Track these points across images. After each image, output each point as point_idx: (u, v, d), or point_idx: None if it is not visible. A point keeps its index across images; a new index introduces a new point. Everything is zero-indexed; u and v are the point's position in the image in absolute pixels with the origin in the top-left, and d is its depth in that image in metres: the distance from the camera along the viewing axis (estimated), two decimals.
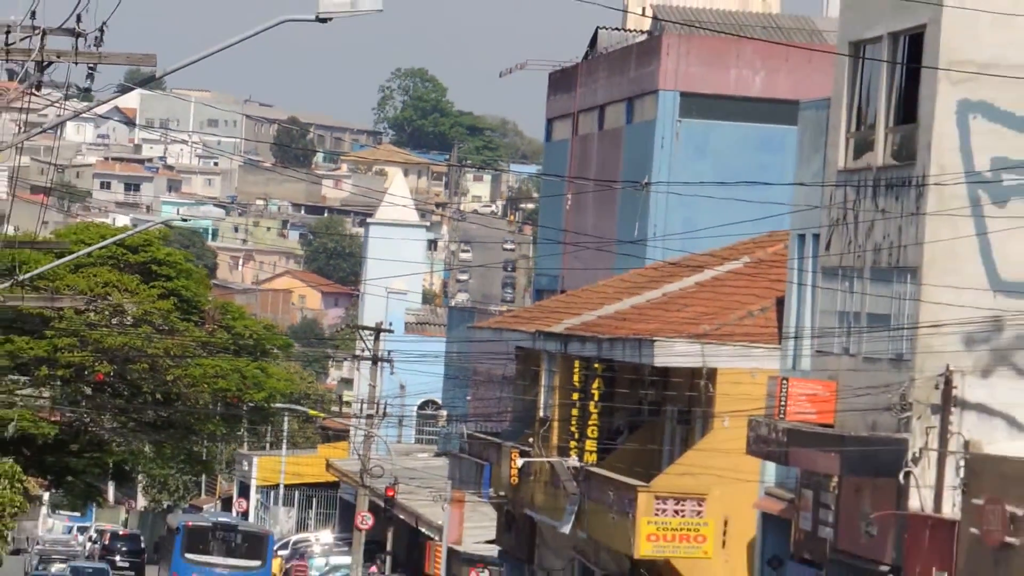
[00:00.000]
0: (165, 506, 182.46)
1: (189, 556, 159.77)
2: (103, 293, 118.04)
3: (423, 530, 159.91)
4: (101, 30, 50.78)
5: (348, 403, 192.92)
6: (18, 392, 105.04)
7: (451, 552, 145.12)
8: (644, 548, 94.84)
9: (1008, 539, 67.59)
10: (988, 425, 75.34)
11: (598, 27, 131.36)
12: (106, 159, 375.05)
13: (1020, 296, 74.26)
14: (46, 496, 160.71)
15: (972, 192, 74.69)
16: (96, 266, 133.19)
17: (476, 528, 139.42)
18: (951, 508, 73.80)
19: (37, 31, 51.62)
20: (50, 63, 55.60)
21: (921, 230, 74.67)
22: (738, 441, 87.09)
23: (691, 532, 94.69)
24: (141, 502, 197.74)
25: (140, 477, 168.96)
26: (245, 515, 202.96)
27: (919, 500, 74.36)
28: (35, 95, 65.28)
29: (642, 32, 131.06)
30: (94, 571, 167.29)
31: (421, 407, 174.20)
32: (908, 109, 76.69)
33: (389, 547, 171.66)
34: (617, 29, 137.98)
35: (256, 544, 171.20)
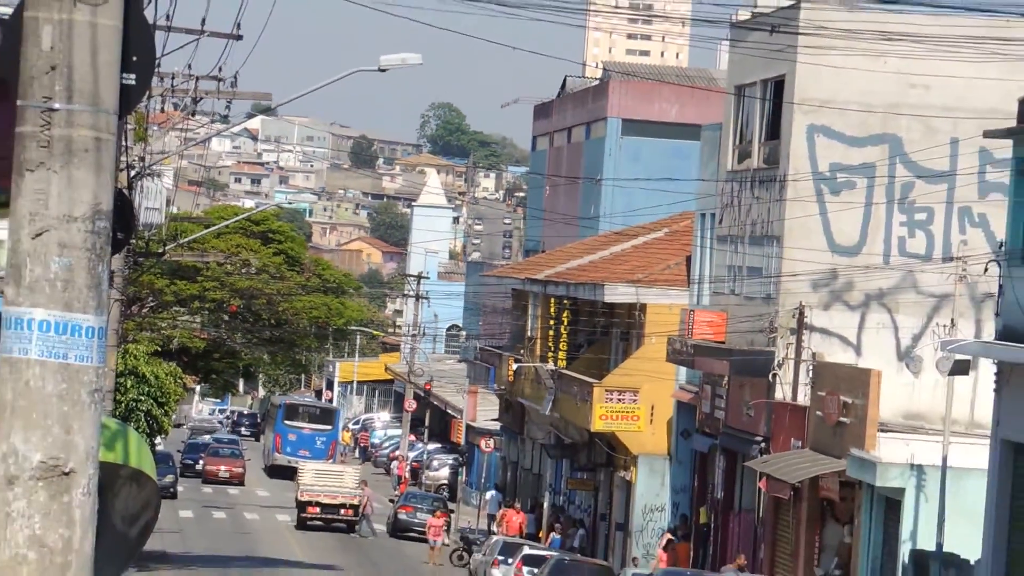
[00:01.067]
0: (276, 395, 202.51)
1: (286, 422, 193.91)
2: (236, 252, 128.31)
3: (450, 411, 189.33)
4: (235, 76, 70.21)
5: (399, 326, 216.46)
6: (179, 318, 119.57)
7: (468, 427, 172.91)
8: (597, 424, 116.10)
9: (841, 419, 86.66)
10: (828, 342, 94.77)
11: (566, 75, 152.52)
12: (238, 162, 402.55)
13: (848, 256, 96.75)
14: (197, 388, 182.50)
15: (816, 186, 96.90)
16: (231, 234, 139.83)
17: (485, 410, 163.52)
18: (803, 398, 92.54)
19: (192, 76, 69.81)
20: (201, 99, 72.07)
21: (782, 211, 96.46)
22: (660, 353, 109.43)
23: (629, 414, 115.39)
24: (261, 392, 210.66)
25: (260, 376, 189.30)
26: (330, 401, 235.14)
27: (782, 392, 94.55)
28: (191, 120, 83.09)
29: (595, 79, 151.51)
30: (228, 440, 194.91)
31: (448, 329, 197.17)
32: (773, 130, 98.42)
33: (427, 423, 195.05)
34: (579, 77, 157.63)
35: (328, 415, 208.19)
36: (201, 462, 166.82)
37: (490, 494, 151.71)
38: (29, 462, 12.96)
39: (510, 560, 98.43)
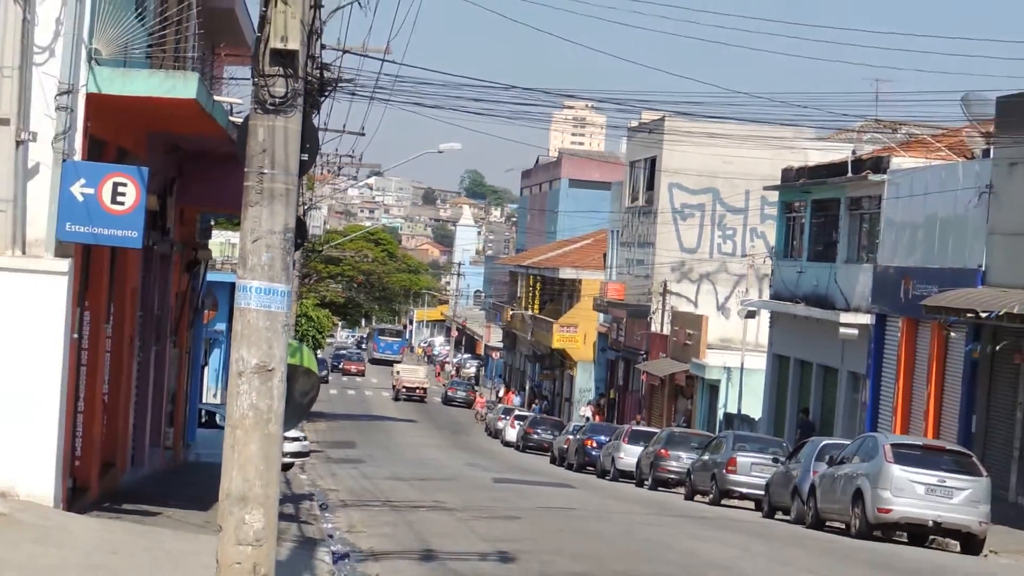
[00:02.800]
0: (375, 325, 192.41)
1: (379, 337, 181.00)
2: (360, 250, 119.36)
3: (476, 336, 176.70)
4: (360, 155, 64.68)
5: (448, 291, 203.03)
6: (330, 287, 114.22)
7: (486, 345, 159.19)
8: (556, 344, 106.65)
9: (686, 342, 79.06)
10: (679, 301, 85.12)
11: (539, 155, 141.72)
12: (362, 200, 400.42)
13: (690, 253, 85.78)
14: (340, 324, 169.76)
15: (673, 216, 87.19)
16: (358, 240, 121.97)
17: (496, 337, 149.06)
18: (666, 330, 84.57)
19: (338, 154, 62.61)
20: (342, 167, 70.45)
21: (654, 229, 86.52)
22: (589, 305, 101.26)
23: (572, 338, 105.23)
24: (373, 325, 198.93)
25: (373, 317, 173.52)
26: (410, 334, 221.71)
27: (656, 327, 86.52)
28: (337, 178, 79.61)
29: (554, 157, 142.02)
30: (355, 351, 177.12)
31: (475, 293, 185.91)
32: (650, 185, 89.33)
33: (463, 343, 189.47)
34: (545, 155, 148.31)
35: (399, 333, 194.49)
36: (341, 363, 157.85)
37: (496, 381, 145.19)
38: (249, 364, 13.55)
39: (507, 417, 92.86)
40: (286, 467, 38.82)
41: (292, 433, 41.28)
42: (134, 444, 26.97)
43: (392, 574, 19.22)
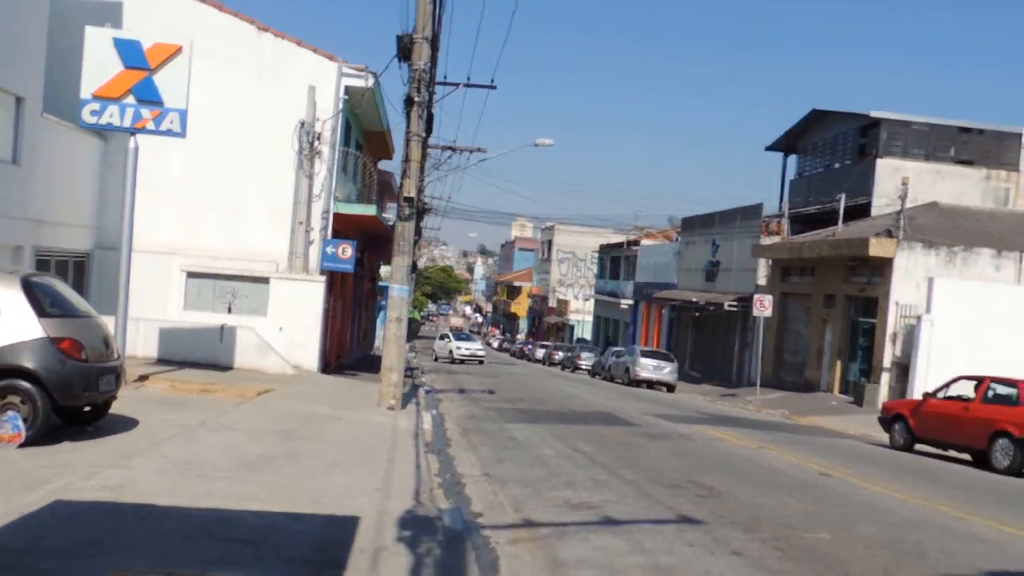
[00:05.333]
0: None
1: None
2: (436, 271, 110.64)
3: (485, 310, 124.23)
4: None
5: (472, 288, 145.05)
6: (423, 288, 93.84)
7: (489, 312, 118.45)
8: (512, 309, 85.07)
9: (562, 309, 67.57)
10: (562, 292, 72.11)
11: (505, 240, 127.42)
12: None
13: (563, 276, 74.41)
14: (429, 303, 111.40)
15: (558, 262, 76.17)
16: (435, 269, 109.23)
17: (490, 308, 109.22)
18: (554, 304, 69.66)
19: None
20: (453, 151, 66.22)
21: (550, 267, 71.78)
22: (526, 294, 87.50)
23: (520, 303, 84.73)
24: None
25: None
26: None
27: (552, 303, 72.71)
28: (444, 163, 68.89)
29: (513, 239, 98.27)
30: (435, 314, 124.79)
31: (481, 292, 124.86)
32: (549, 250, 73.93)
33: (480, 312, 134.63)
34: (509, 238, 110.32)
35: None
36: (429, 317, 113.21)
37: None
38: (392, 316, 12.95)
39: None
40: (476, 359, 38.13)
41: (480, 347, 39.91)
42: (350, 348, 26.54)
43: (446, 394, 18.68)
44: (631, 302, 48.46)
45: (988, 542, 7.15)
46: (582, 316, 66.41)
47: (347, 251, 18.43)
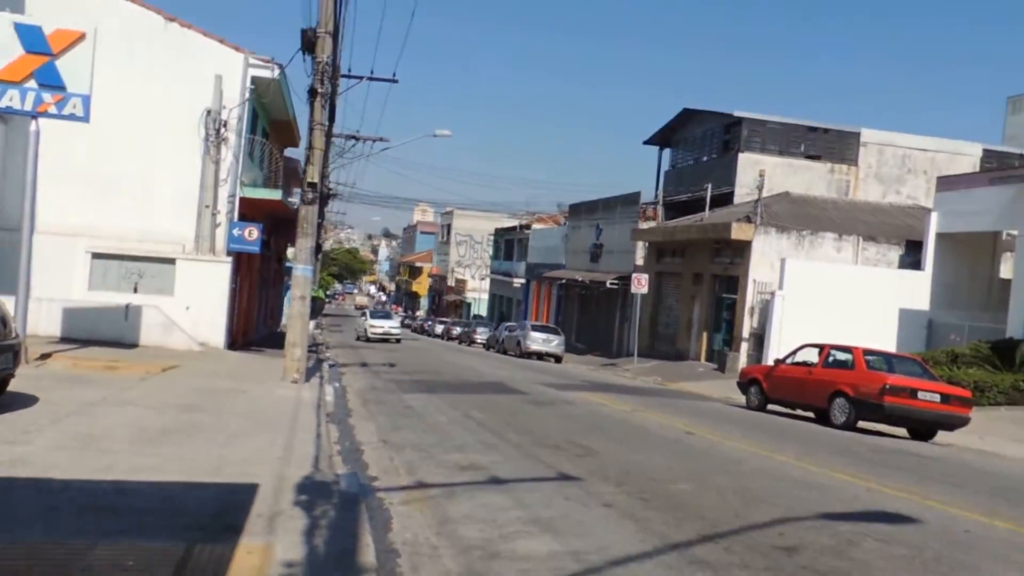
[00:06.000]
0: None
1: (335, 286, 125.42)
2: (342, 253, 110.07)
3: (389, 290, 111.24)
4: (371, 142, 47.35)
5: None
6: (330, 268, 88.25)
7: (392, 291, 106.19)
8: (414, 288, 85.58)
9: (460, 288, 66.71)
10: (460, 272, 71.62)
11: (408, 224, 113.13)
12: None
13: (461, 258, 72.78)
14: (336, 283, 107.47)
15: (457, 244, 71.38)
16: (341, 251, 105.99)
17: (393, 287, 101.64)
18: (453, 283, 69.61)
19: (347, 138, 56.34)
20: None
21: (449, 249, 70.87)
22: (427, 274, 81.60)
23: (421, 282, 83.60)
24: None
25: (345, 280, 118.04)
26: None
27: (451, 282, 71.27)
28: (347, 153, 68.11)
29: (416, 222, 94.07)
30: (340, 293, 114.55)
31: (385, 272, 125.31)
32: (448, 232, 72.37)
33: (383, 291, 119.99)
34: (411, 221, 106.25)
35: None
36: (335, 296, 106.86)
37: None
38: (296, 295, 12.45)
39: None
40: (390, 338, 33.98)
41: (396, 324, 35.61)
42: (256, 326, 25.89)
43: (349, 368, 18.34)
44: (523, 281, 48.64)
45: (824, 488, 7.48)
46: (479, 294, 66.25)
47: (253, 233, 17.83)
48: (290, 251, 34.86)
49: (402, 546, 5.02)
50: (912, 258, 24.15)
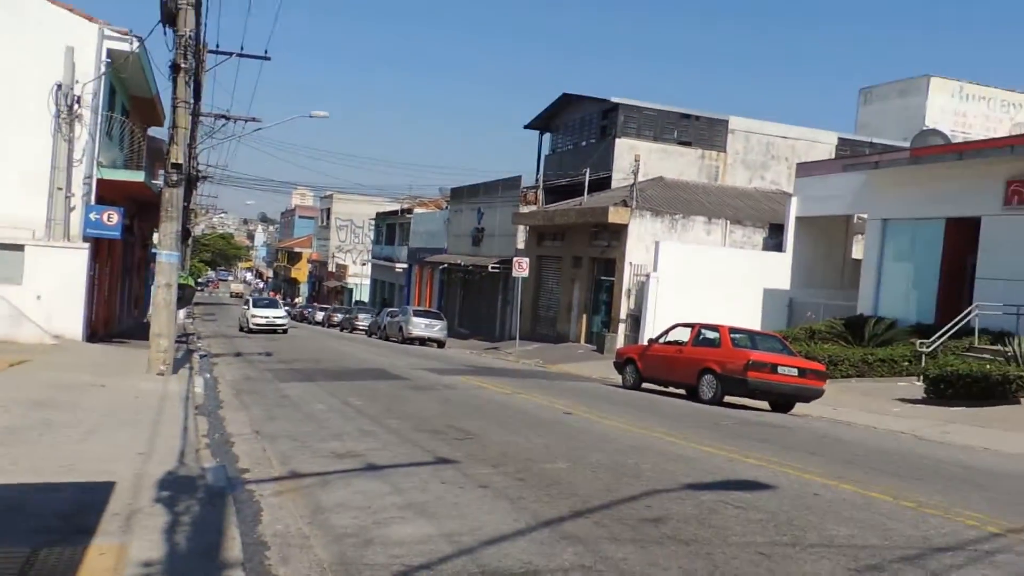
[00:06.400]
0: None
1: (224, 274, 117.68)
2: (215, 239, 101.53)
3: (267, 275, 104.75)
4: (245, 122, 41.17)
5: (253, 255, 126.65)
6: (201, 254, 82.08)
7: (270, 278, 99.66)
8: (294, 274, 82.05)
9: (341, 274, 65.37)
10: (340, 257, 69.20)
11: (285, 208, 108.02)
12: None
13: (342, 243, 69.94)
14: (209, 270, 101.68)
15: (337, 228, 70.02)
16: (214, 236, 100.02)
17: (270, 273, 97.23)
18: (334, 268, 69.21)
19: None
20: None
21: (330, 234, 69.98)
22: (306, 259, 78.97)
23: (300, 268, 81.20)
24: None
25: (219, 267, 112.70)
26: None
27: (332, 268, 69.85)
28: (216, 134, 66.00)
29: (295, 206, 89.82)
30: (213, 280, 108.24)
31: (263, 257, 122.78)
32: (328, 216, 71.23)
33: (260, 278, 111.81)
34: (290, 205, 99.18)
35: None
36: (209, 283, 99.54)
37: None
38: (161, 282, 11.86)
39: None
40: (276, 328, 31.35)
41: (281, 313, 32.47)
42: (120, 316, 24.54)
43: (222, 358, 17.80)
44: (405, 266, 48.28)
45: (690, 460, 7.81)
46: (360, 280, 65.20)
47: (113, 217, 16.82)
48: (156, 236, 32.97)
49: (272, 538, 4.90)
50: (775, 240, 25.21)
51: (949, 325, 17.02)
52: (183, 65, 12.82)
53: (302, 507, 5.61)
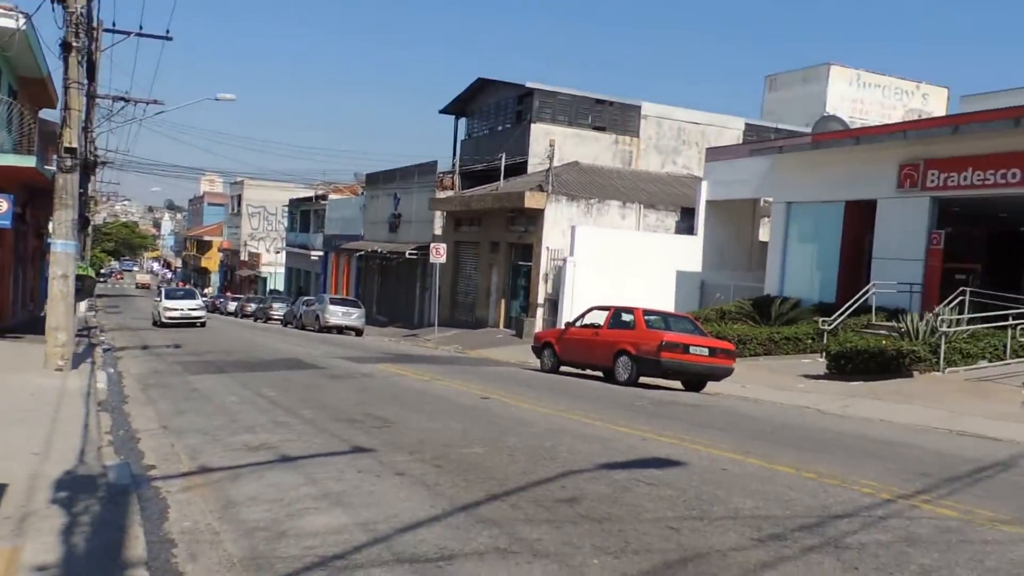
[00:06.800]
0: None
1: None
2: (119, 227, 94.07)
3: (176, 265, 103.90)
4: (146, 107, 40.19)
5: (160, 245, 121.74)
6: (103, 244, 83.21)
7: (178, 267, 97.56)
8: (203, 263, 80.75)
9: (254, 262, 64.70)
10: (253, 246, 68.19)
11: (206, 191, 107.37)
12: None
13: (254, 230, 67.79)
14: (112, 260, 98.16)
15: (248, 215, 68.06)
16: (117, 225, 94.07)
17: (179, 263, 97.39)
18: (246, 257, 67.87)
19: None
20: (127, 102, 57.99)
21: (240, 221, 67.86)
22: (217, 248, 78.45)
23: (211, 257, 78.84)
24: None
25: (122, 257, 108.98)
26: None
27: (244, 256, 67.80)
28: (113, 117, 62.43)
29: (203, 193, 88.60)
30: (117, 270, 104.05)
31: (170, 247, 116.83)
32: (239, 203, 70.00)
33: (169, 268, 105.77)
34: (199, 192, 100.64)
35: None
36: (112, 274, 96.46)
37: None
38: (57, 273, 11.23)
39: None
40: (193, 321, 29.26)
41: (197, 304, 30.03)
42: (13, 309, 23.25)
43: (128, 351, 17.20)
44: (321, 253, 47.54)
45: (605, 440, 7.95)
46: (274, 268, 63.76)
47: (2, 205, 15.77)
48: (51, 225, 31.37)
49: (179, 535, 4.78)
50: (687, 224, 25.65)
51: (848, 303, 17.54)
52: (75, 44, 12.23)
53: (212, 502, 5.49)
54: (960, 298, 15.82)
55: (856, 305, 17.49)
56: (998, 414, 11.39)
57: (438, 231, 32.13)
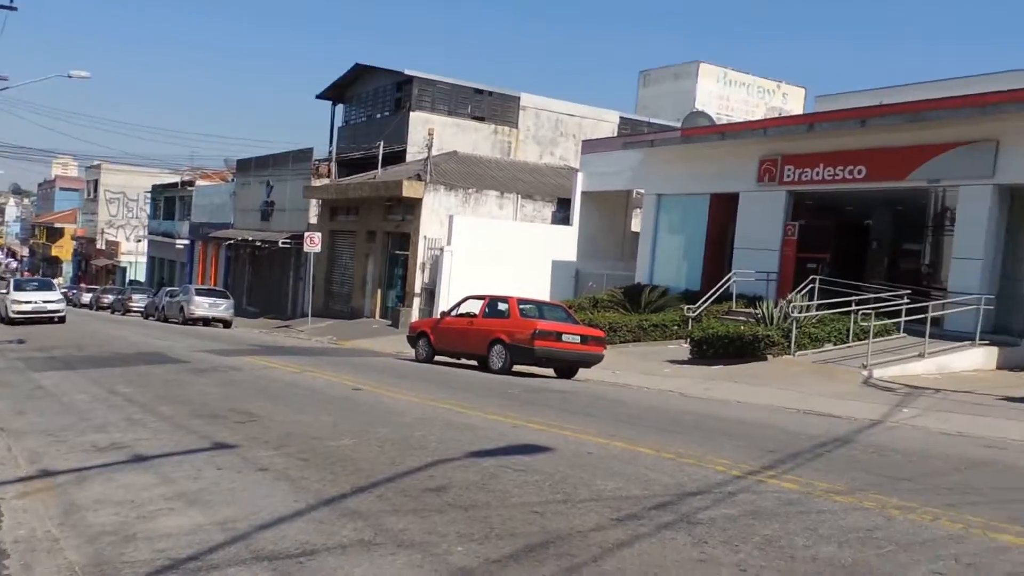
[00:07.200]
0: None
1: None
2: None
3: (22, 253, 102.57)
4: None
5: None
6: None
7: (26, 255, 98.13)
8: (54, 252, 74.87)
9: (111, 251, 60.82)
10: (112, 233, 64.51)
11: (58, 175, 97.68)
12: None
13: (112, 217, 63.54)
14: None
15: (107, 202, 64.40)
16: None
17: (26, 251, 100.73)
18: (103, 246, 64.46)
19: None
20: None
21: (98, 209, 65.35)
22: (70, 235, 72.74)
23: (63, 245, 74.38)
24: None
25: None
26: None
27: (100, 245, 64.46)
28: None
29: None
30: None
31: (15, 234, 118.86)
32: (95, 195, 66.81)
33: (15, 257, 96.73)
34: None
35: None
36: None
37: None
38: None
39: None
40: (57, 317, 25.98)
41: (55, 297, 26.58)
42: None
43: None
44: (187, 242, 45.85)
45: (476, 428, 7.99)
46: (135, 258, 60.70)
47: None
48: None
49: (12, 544, 4.46)
50: (563, 214, 26.18)
51: (711, 291, 18.42)
52: None
53: (53, 508, 5.17)
54: (811, 286, 16.72)
55: (719, 293, 18.34)
56: (841, 393, 12.07)
57: (313, 220, 31.47)
